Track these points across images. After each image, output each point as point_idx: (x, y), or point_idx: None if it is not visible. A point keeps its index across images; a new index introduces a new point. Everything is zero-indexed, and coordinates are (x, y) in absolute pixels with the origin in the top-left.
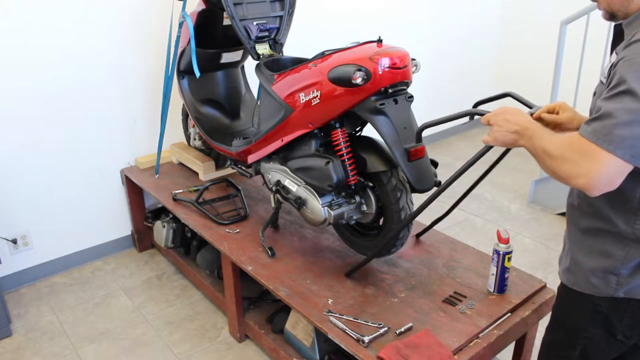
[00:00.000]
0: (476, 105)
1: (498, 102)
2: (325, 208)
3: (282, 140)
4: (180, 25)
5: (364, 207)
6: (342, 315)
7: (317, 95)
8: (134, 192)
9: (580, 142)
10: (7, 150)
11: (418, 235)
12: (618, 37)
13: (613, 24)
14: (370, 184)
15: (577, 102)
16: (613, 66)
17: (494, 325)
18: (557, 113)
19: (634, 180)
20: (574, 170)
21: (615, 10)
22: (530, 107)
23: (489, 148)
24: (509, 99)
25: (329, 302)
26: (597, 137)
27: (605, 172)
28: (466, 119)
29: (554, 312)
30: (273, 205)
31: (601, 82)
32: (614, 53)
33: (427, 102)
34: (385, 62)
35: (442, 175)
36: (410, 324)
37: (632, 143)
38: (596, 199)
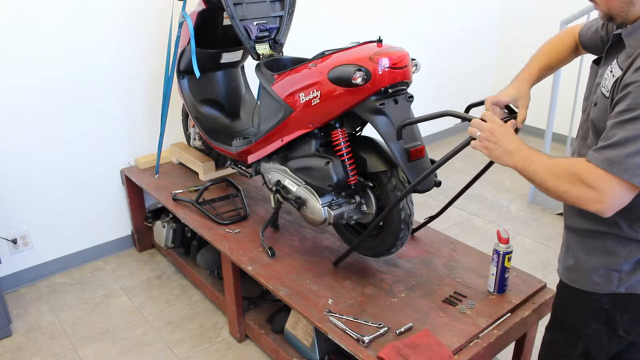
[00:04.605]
0: (469, 107)
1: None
2: (325, 208)
3: (282, 140)
4: (180, 25)
5: (364, 207)
6: (342, 315)
7: (317, 95)
8: (134, 192)
9: (589, 169)
10: (7, 150)
11: (413, 232)
12: (615, 44)
13: (612, 31)
14: (370, 184)
15: (577, 101)
16: (619, 83)
17: (494, 325)
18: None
19: None
20: (589, 196)
21: (614, 14)
22: (513, 111)
23: (469, 141)
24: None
25: (329, 302)
26: (611, 165)
27: (620, 197)
28: (459, 120)
29: (554, 311)
30: (273, 205)
31: (603, 94)
32: (614, 63)
33: (427, 102)
34: (385, 62)
35: (442, 175)
36: (410, 324)
37: None
38: None
